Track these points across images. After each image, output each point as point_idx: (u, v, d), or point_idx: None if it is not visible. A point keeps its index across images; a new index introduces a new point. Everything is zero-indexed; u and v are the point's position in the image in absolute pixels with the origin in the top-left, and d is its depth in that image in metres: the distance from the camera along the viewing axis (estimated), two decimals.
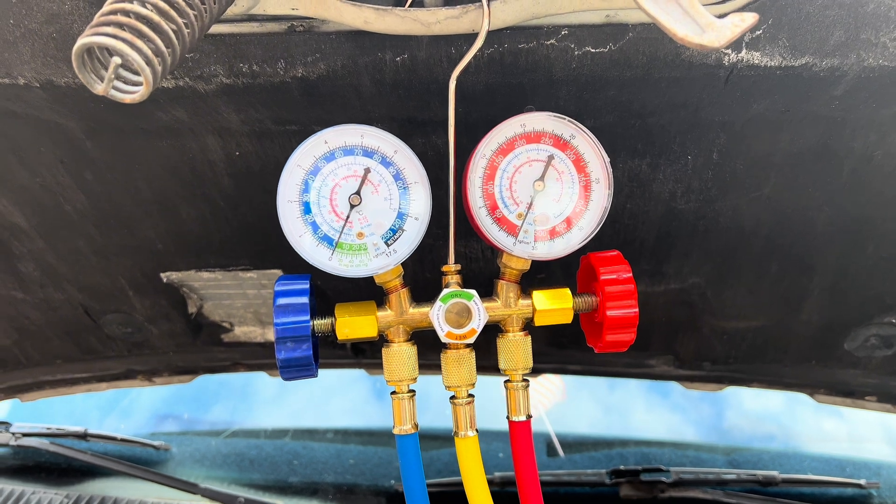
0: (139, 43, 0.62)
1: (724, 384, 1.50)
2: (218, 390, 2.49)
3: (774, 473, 1.56)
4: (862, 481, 1.60)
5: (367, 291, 0.89)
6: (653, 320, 1.35)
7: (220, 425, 2.27)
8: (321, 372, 1.64)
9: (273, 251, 1.24)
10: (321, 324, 0.80)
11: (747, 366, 1.42)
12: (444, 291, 0.80)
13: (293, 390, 2.44)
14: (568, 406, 2.31)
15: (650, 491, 1.56)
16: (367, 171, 0.77)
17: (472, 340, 0.80)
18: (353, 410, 2.37)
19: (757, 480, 1.56)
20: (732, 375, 1.47)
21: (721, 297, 1.26)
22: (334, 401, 2.41)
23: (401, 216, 0.78)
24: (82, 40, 0.61)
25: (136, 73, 0.66)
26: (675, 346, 1.41)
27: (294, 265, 1.26)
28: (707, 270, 1.22)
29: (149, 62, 0.62)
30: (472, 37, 0.78)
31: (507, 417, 0.84)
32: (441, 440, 1.83)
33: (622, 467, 1.61)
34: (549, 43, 0.79)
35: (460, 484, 1.54)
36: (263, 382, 2.48)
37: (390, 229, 0.78)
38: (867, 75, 0.82)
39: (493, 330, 0.87)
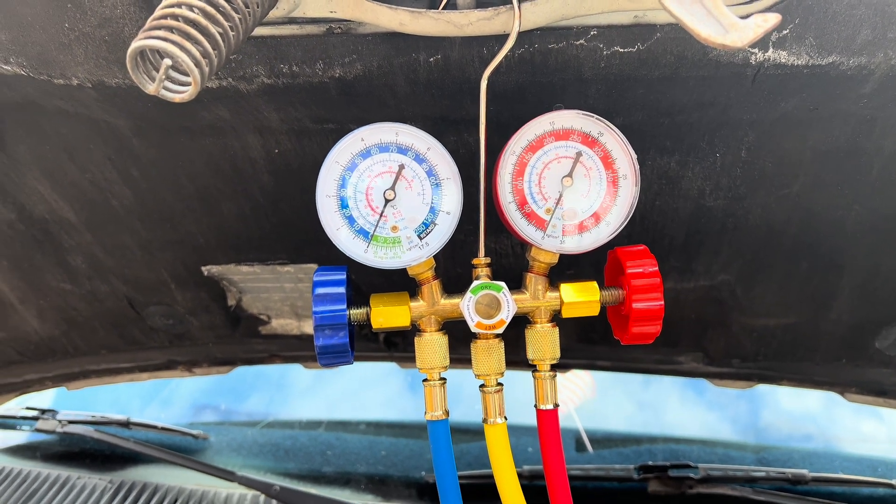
0: (188, 45, 0.66)
1: (754, 382, 1.50)
2: (254, 382, 2.55)
3: (804, 472, 1.55)
4: (893, 481, 1.59)
5: (400, 286, 0.93)
6: (682, 317, 1.36)
7: (256, 416, 2.33)
8: (355, 365, 1.69)
9: (310, 246, 1.28)
10: (357, 313, 0.84)
11: (777, 363, 1.42)
12: (475, 283, 0.83)
13: (327, 383, 2.49)
14: (597, 403, 2.32)
15: (678, 487, 1.57)
16: (402, 167, 0.80)
17: (500, 331, 0.83)
18: (385, 403, 2.40)
19: (786, 478, 1.55)
20: (762, 373, 1.47)
21: (750, 294, 1.27)
22: (367, 394, 2.45)
23: (433, 211, 0.81)
24: (136, 43, 0.65)
25: (185, 73, 0.70)
26: (705, 343, 1.42)
27: (330, 259, 1.30)
28: (736, 268, 1.22)
29: (197, 63, 0.66)
30: (503, 38, 0.81)
31: (535, 406, 0.87)
32: (471, 434, 1.86)
33: (650, 463, 1.62)
34: (578, 43, 0.82)
35: (489, 476, 1.58)
36: (298, 375, 2.53)
37: (423, 223, 0.82)
38: (895, 73, 0.83)
39: (522, 325, 0.90)
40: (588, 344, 1.47)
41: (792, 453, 1.86)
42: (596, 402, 2.30)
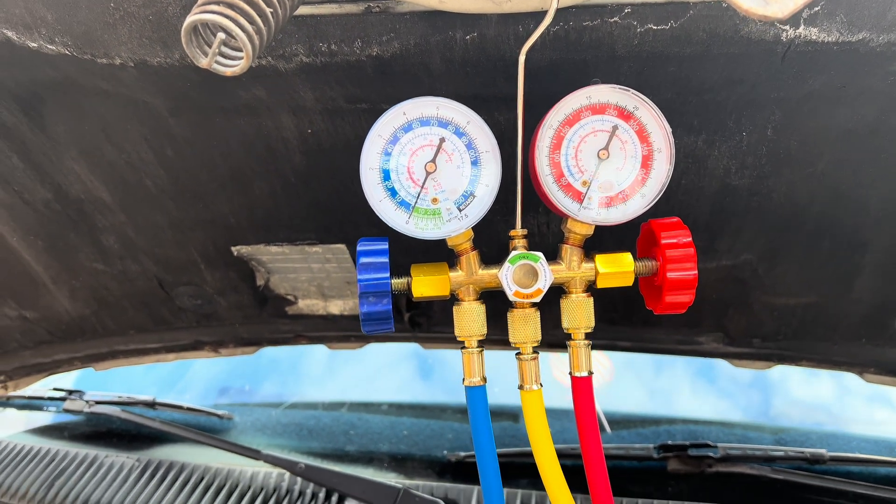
0: (242, 20, 0.68)
1: (773, 362, 1.51)
2: (276, 365, 2.59)
3: (822, 451, 1.57)
4: None
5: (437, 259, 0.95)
6: (703, 297, 1.38)
7: (279, 397, 2.37)
8: (376, 346, 1.71)
9: (338, 226, 1.30)
10: (398, 282, 0.86)
11: (797, 343, 1.44)
12: (513, 253, 0.85)
13: (349, 365, 2.52)
14: (616, 385, 2.35)
15: (697, 466, 1.59)
16: (442, 140, 0.82)
17: (538, 300, 0.85)
18: (406, 385, 2.44)
19: (804, 458, 1.57)
20: (782, 353, 1.49)
21: (772, 273, 1.29)
22: (388, 375, 2.48)
23: (472, 182, 0.83)
24: (192, 17, 0.68)
25: (236, 48, 0.73)
26: (725, 322, 1.43)
27: (357, 239, 1.32)
28: (759, 247, 1.24)
29: (250, 38, 0.69)
30: (538, 15, 0.83)
31: (570, 374, 0.89)
32: (502, 416, 1.89)
33: (669, 442, 1.64)
34: (612, 20, 0.83)
35: (516, 454, 1.60)
36: (320, 357, 2.56)
37: (462, 195, 0.84)
38: None
39: (552, 303, 0.92)
40: (609, 324, 1.49)
41: (809, 434, 1.88)
42: (614, 385, 2.33)
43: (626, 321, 1.47)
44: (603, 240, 1.20)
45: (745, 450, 1.59)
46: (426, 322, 1.55)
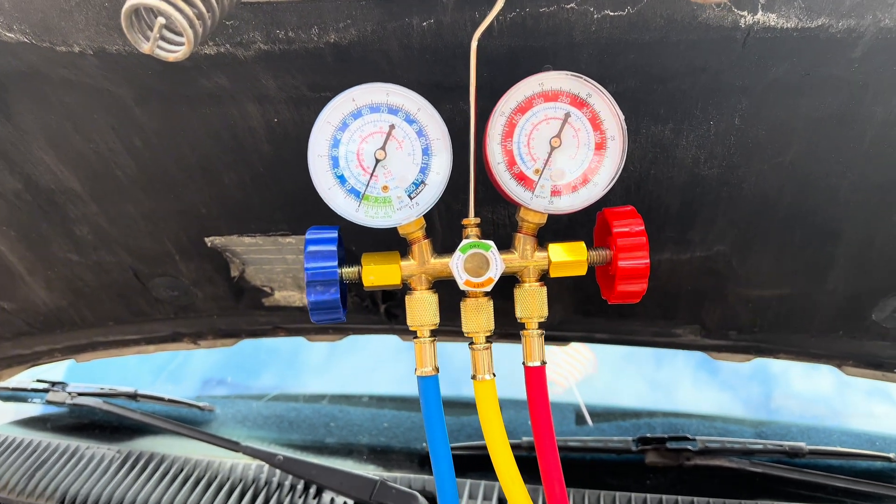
0: (182, 4, 0.67)
1: (752, 355, 1.50)
2: (259, 357, 2.59)
3: (801, 445, 1.57)
4: (891, 455, 1.59)
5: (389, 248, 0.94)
6: (679, 289, 1.37)
7: (261, 390, 2.37)
8: (355, 338, 1.71)
9: (310, 217, 1.29)
10: (349, 271, 0.86)
11: (773, 335, 1.43)
12: (464, 242, 0.85)
13: (332, 358, 2.52)
14: (598, 378, 2.34)
15: (676, 459, 1.58)
16: (392, 127, 0.81)
17: (489, 289, 0.85)
18: (386, 377, 2.43)
19: (784, 451, 1.57)
20: (759, 346, 1.48)
21: (746, 264, 1.28)
22: (368, 367, 2.48)
23: (423, 171, 0.83)
24: (131, 2, 0.67)
25: (179, 34, 0.72)
26: (702, 314, 1.42)
27: None
28: (732, 238, 1.23)
29: (191, 23, 0.68)
30: (493, 1, 0.82)
31: (523, 363, 0.89)
32: (460, 406, 1.89)
33: (648, 435, 1.64)
34: (569, 7, 0.83)
35: (479, 447, 1.59)
36: (303, 352, 2.56)
37: (413, 183, 0.83)
38: (884, 36, 0.84)
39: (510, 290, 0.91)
40: (585, 316, 1.48)
41: (790, 427, 1.87)
42: (597, 377, 2.32)
43: (602, 313, 1.47)
44: (576, 233, 1.20)
45: (723, 443, 1.59)
46: (403, 314, 1.54)
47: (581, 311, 1.46)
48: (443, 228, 1.24)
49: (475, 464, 1.52)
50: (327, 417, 1.97)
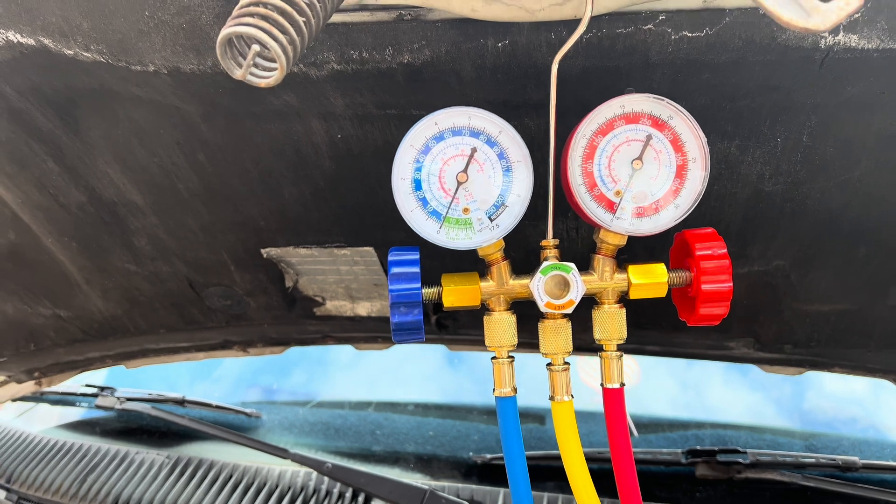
0: (276, 32, 0.68)
1: (805, 368, 1.49)
2: (304, 363, 2.61)
3: (854, 459, 1.55)
4: None
5: (453, 270, 0.94)
6: (734, 302, 1.35)
7: (305, 396, 2.39)
8: (403, 347, 1.72)
9: (366, 230, 1.31)
10: (429, 292, 0.87)
11: (829, 350, 1.42)
12: (544, 264, 0.85)
13: (375, 365, 2.54)
14: (643, 388, 2.33)
15: (726, 471, 1.57)
16: (474, 150, 0.82)
17: (569, 311, 0.85)
18: (432, 385, 2.44)
19: (836, 465, 1.55)
20: (814, 359, 1.47)
21: (805, 279, 1.27)
22: (415, 376, 2.49)
23: (504, 192, 0.83)
24: (227, 30, 0.68)
25: (269, 59, 0.73)
26: (756, 328, 1.42)
27: (385, 242, 1.33)
28: (792, 253, 1.22)
29: (284, 50, 0.69)
30: (571, 23, 0.82)
31: (601, 385, 0.89)
32: (528, 418, 1.90)
33: (698, 447, 1.63)
34: (646, 28, 0.83)
35: (546, 458, 1.60)
36: (347, 357, 2.58)
37: (494, 205, 0.84)
38: None
39: (587, 308, 0.92)
40: (637, 328, 1.47)
41: (841, 440, 1.86)
42: (641, 387, 2.31)
43: (654, 325, 1.46)
44: (633, 247, 1.19)
45: (775, 456, 1.57)
46: (453, 325, 1.55)
47: (633, 324, 1.44)
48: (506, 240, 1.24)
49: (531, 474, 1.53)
50: (373, 425, 1.98)
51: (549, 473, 1.56)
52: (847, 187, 1.08)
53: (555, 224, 1.20)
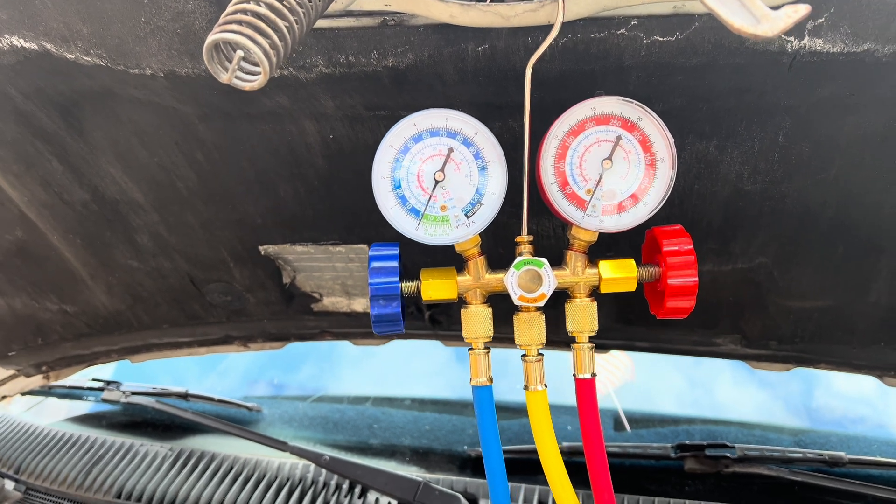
0: (259, 38, 0.72)
1: (792, 364, 1.52)
2: (304, 359, 2.66)
3: (842, 454, 1.57)
4: None
5: (441, 265, 0.98)
6: (720, 299, 1.39)
7: (306, 391, 2.43)
8: (399, 343, 1.75)
9: (361, 227, 1.34)
10: (408, 286, 0.90)
11: (814, 346, 1.44)
12: (518, 259, 0.89)
13: (373, 361, 2.58)
14: (636, 384, 2.36)
15: (714, 466, 1.60)
16: (451, 150, 0.86)
17: (542, 304, 0.88)
18: (429, 381, 2.48)
19: (823, 460, 1.58)
20: (799, 356, 1.49)
21: (787, 276, 1.29)
22: (411, 371, 2.53)
23: (479, 191, 0.87)
24: (212, 37, 0.72)
25: (255, 64, 0.77)
26: (742, 324, 1.44)
27: (378, 239, 1.35)
28: (773, 250, 1.25)
29: (267, 55, 0.73)
30: (547, 28, 0.85)
31: (574, 375, 0.92)
32: (509, 412, 1.93)
33: (687, 442, 1.66)
34: (619, 32, 0.86)
35: (527, 451, 1.63)
36: (346, 353, 2.62)
37: (470, 203, 0.87)
38: None
39: (561, 303, 0.95)
40: (626, 325, 1.51)
41: (830, 436, 1.88)
42: (635, 383, 2.34)
43: (642, 322, 1.49)
44: (619, 244, 1.23)
45: (762, 451, 1.60)
46: (446, 320, 1.59)
47: (622, 320, 1.48)
48: (487, 239, 1.27)
49: (517, 467, 1.56)
50: (371, 419, 2.02)
51: (534, 466, 1.59)
52: (823, 186, 1.11)
53: (542, 222, 1.24)
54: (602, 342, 1.58)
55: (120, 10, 0.91)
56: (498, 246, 1.27)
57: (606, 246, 1.06)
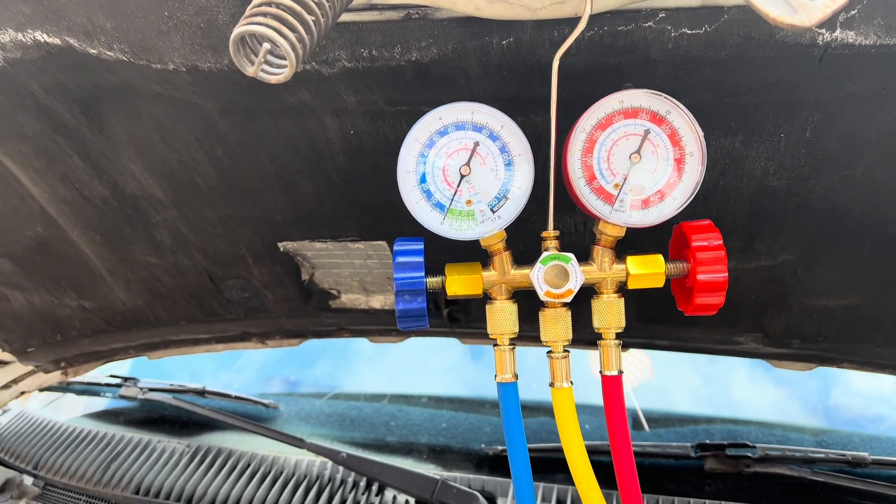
0: (286, 31, 0.72)
1: (814, 363, 1.50)
2: (320, 356, 2.66)
3: (864, 454, 1.55)
4: None
5: (462, 260, 0.97)
6: (742, 297, 1.37)
7: (322, 388, 2.44)
8: (414, 340, 1.75)
9: (379, 224, 1.34)
10: (433, 281, 0.90)
11: (838, 345, 1.42)
12: (544, 254, 0.88)
13: (388, 358, 2.57)
14: (655, 384, 2.35)
15: (735, 465, 1.58)
16: (477, 144, 0.85)
17: (568, 300, 0.88)
18: (444, 378, 2.48)
19: (846, 460, 1.56)
20: (822, 355, 1.47)
21: (812, 274, 1.28)
22: (428, 369, 2.52)
23: (505, 185, 0.86)
24: (239, 29, 0.71)
25: (281, 57, 0.76)
26: (765, 323, 1.43)
27: (397, 236, 1.36)
28: (798, 248, 1.23)
29: (293, 48, 0.72)
30: (573, 21, 0.84)
31: (601, 372, 0.91)
32: (525, 409, 1.92)
33: (707, 441, 1.64)
34: (646, 25, 0.85)
35: (547, 450, 1.62)
36: (362, 350, 2.62)
37: (496, 197, 0.87)
38: None
39: (581, 300, 0.94)
40: (646, 323, 1.49)
41: (852, 436, 1.86)
42: (654, 383, 2.33)
43: (663, 320, 1.48)
44: (641, 241, 1.22)
45: (784, 451, 1.58)
46: (465, 318, 1.58)
47: (643, 318, 1.47)
48: (508, 235, 1.27)
49: (535, 465, 1.55)
50: (387, 417, 2.02)
51: (557, 465, 1.58)
52: (851, 182, 1.09)
53: (564, 218, 1.23)
54: (623, 340, 1.56)
55: (143, 4, 0.91)
56: (519, 243, 1.26)
57: (630, 243, 1.05)
